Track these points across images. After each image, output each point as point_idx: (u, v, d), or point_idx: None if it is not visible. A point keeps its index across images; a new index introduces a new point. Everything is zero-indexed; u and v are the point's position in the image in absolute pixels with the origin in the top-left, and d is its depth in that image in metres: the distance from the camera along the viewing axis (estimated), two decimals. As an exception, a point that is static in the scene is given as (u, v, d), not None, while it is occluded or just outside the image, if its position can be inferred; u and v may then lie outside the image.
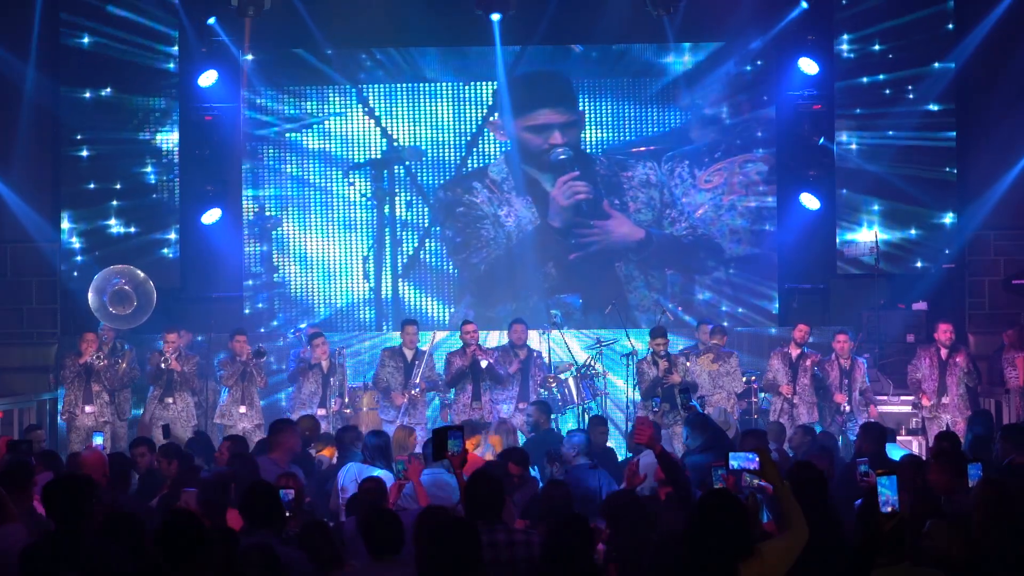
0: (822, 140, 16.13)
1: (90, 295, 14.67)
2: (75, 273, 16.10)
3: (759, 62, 16.46)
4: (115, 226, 16.24)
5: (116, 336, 14.70)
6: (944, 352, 13.84)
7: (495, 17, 15.71)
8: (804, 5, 15.92)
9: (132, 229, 16.21)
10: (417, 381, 13.86)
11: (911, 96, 16.04)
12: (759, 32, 16.25)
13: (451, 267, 16.64)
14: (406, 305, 16.55)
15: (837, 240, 16.22)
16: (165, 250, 16.24)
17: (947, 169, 16.08)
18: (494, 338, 15.48)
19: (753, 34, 16.30)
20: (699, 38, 16.31)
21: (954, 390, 13.77)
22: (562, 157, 16.51)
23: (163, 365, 13.86)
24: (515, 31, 16.02)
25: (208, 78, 16.15)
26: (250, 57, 16.24)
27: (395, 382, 13.95)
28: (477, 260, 16.62)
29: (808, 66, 16.03)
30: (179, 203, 16.32)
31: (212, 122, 16.30)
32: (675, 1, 15.32)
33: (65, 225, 16.20)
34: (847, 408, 13.67)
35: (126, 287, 14.73)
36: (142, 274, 14.90)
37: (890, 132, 16.06)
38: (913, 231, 16.15)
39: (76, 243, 16.20)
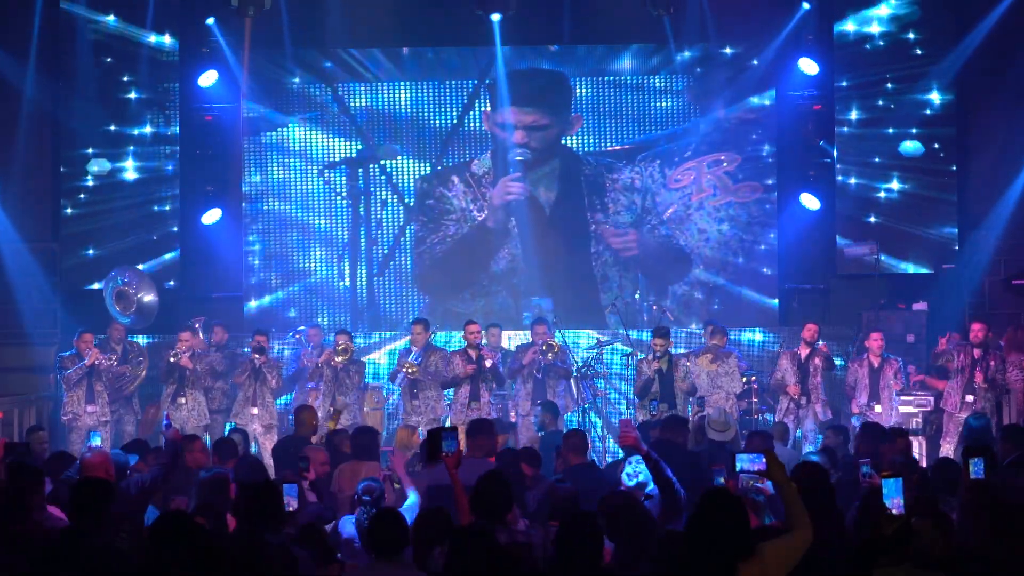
0: (822, 141, 16.13)
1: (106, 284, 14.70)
2: (75, 273, 16.12)
3: (759, 62, 16.44)
4: (116, 224, 16.25)
5: (126, 336, 14.70)
6: (978, 352, 13.54)
7: (495, 17, 15.72)
8: (806, 6, 15.93)
9: (133, 232, 16.25)
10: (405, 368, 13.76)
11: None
12: (760, 34, 16.24)
13: (415, 263, 16.57)
14: (380, 305, 16.55)
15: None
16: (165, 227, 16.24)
17: (948, 228, 16.15)
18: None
19: (754, 35, 16.30)
20: (699, 39, 16.28)
21: (980, 390, 13.43)
22: (519, 158, 16.41)
23: (172, 359, 13.89)
24: (514, 31, 16.02)
25: (208, 78, 16.18)
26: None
27: None
28: (434, 252, 16.52)
29: (808, 66, 16.04)
30: (179, 203, 16.33)
31: (212, 122, 16.33)
32: (675, 1, 15.31)
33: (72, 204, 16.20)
34: (874, 409, 13.44)
35: (130, 290, 14.72)
36: (151, 295, 14.85)
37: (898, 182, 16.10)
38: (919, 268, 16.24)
39: (77, 242, 16.19)
